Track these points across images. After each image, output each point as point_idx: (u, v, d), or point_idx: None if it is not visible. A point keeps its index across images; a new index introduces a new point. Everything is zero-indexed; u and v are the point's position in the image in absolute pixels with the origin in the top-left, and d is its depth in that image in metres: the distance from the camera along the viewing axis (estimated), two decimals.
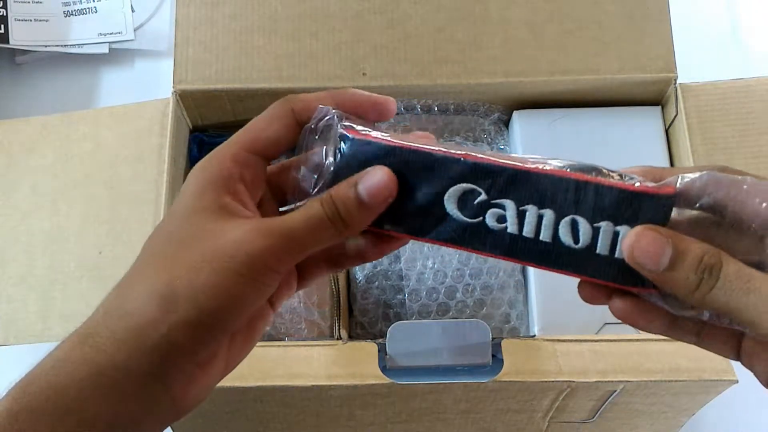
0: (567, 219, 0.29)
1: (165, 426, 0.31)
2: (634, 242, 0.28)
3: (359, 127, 0.32)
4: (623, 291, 0.30)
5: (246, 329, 0.32)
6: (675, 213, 0.29)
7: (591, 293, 0.31)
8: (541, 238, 0.29)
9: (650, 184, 0.29)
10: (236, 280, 0.28)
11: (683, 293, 0.28)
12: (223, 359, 0.31)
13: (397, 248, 0.33)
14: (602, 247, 0.29)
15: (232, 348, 0.32)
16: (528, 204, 0.29)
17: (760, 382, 0.31)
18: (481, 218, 0.30)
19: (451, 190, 0.30)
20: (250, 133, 0.33)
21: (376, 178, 0.30)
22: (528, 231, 0.29)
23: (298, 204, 0.32)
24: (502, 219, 0.30)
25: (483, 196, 0.30)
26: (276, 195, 0.34)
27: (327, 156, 0.32)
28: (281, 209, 0.33)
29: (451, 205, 0.30)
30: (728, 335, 0.30)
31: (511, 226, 0.30)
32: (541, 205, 0.29)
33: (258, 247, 0.28)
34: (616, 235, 0.29)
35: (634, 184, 0.29)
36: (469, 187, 0.30)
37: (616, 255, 0.29)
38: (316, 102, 0.32)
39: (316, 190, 0.32)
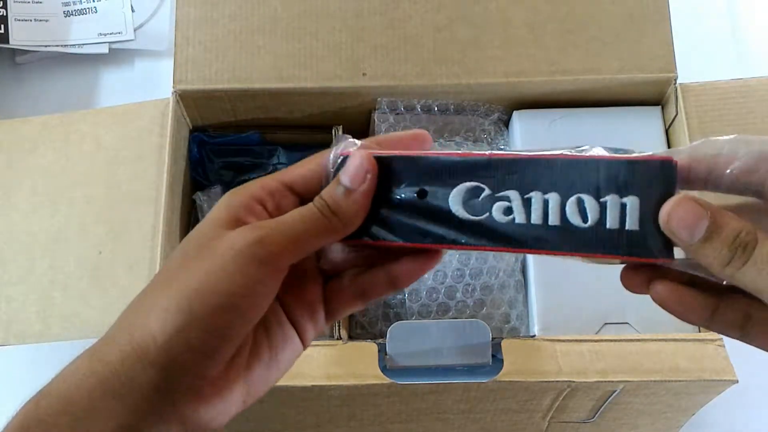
0: (572, 199, 0.29)
1: None
2: (671, 210, 0.28)
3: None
4: (664, 276, 0.29)
5: (269, 354, 0.32)
6: (717, 198, 0.29)
7: (632, 281, 0.30)
8: (550, 222, 0.29)
9: (652, 153, 0.29)
10: (224, 278, 0.28)
11: (713, 267, 0.27)
12: (240, 383, 0.31)
13: (431, 267, 0.33)
14: (611, 221, 0.29)
15: (252, 373, 0.31)
16: (532, 191, 0.29)
17: None
18: (487, 214, 0.30)
19: (455, 190, 0.30)
20: (286, 170, 0.33)
21: (353, 162, 0.31)
22: (536, 218, 0.29)
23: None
24: (508, 211, 0.30)
25: (487, 191, 0.30)
26: None
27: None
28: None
29: (456, 206, 0.31)
30: None
31: (519, 216, 0.30)
32: (544, 190, 0.29)
33: (246, 241, 0.29)
34: (623, 207, 0.28)
35: (634, 155, 0.29)
36: (472, 184, 0.30)
37: (627, 227, 0.28)
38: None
39: None
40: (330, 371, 0.51)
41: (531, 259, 0.61)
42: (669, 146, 0.63)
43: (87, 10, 0.80)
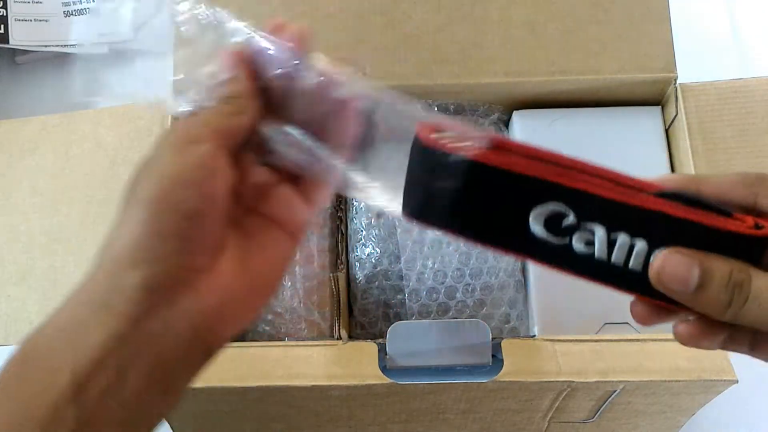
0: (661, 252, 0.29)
1: (206, 356, 0.30)
2: (659, 266, 0.28)
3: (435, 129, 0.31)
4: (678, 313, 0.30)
5: (258, 245, 0.32)
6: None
7: (645, 314, 0.31)
8: (630, 266, 0.29)
9: (748, 221, 0.28)
10: (167, 164, 0.29)
11: (716, 312, 0.28)
12: (234, 273, 0.31)
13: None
14: None
15: (247, 263, 0.32)
16: (620, 232, 0.28)
17: None
18: (567, 240, 0.29)
19: (538, 209, 0.29)
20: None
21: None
22: (617, 259, 0.29)
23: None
24: (589, 243, 0.29)
25: (572, 219, 0.29)
26: None
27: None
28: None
29: (535, 225, 0.29)
30: None
31: (599, 252, 0.29)
32: (633, 235, 0.28)
33: (177, 127, 0.31)
34: None
35: (733, 224, 0.28)
36: (558, 209, 0.29)
37: None
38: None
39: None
40: (330, 371, 0.51)
41: None
42: (669, 147, 0.63)
43: (87, 10, 0.80)
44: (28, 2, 0.79)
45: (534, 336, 0.59)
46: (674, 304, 0.29)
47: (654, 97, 0.64)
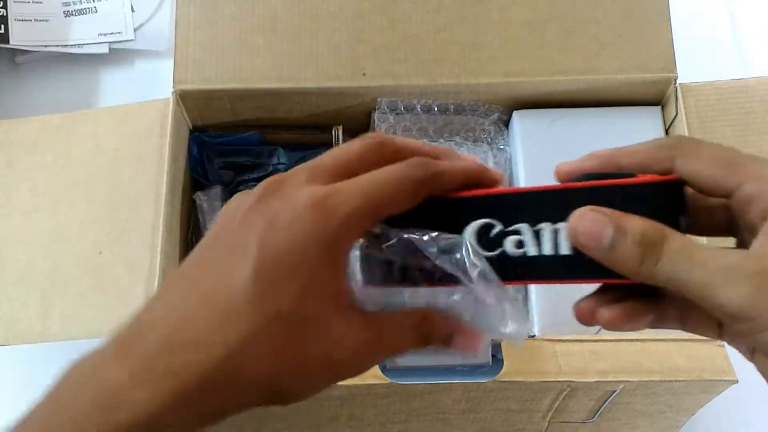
0: None
1: None
2: (574, 225, 0.28)
3: None
4: (608, 301, 0.30)
5: None
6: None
7: (583, 315, 0.31)
8: (560, 252, 0.29)
9: (652, 176, 0.29)
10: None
11: (630, 270, 0.28)
12: None
13: None
14: None
15: None
16: (541, 223, 0.30)
17: (747, 358, 0.31)
18: (501, 249, 0.30)
19: (469, 228, 0.31)
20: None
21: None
22: (548, 249, 0.30)
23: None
24: (520, 244, 0.30)
25: (498, 227, 0.30)
26: None
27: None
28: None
29: (471, 242, 0.30)
30: (710, 316, 0.30)
31: (531, 249, 0.30)
32: (553, 221, 0.29)
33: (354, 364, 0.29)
34: None
35: (637, 179, 0.29)
36: (485, 221, 0.30)
37: None
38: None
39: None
40: None
41: None
42: None
43: (87, 10, 0.80)
44: (28, 2, 0.79)
45: (534, 336, 0.59)
46: (618, 278, 0.29)
47: (654, 97, 0.64)
